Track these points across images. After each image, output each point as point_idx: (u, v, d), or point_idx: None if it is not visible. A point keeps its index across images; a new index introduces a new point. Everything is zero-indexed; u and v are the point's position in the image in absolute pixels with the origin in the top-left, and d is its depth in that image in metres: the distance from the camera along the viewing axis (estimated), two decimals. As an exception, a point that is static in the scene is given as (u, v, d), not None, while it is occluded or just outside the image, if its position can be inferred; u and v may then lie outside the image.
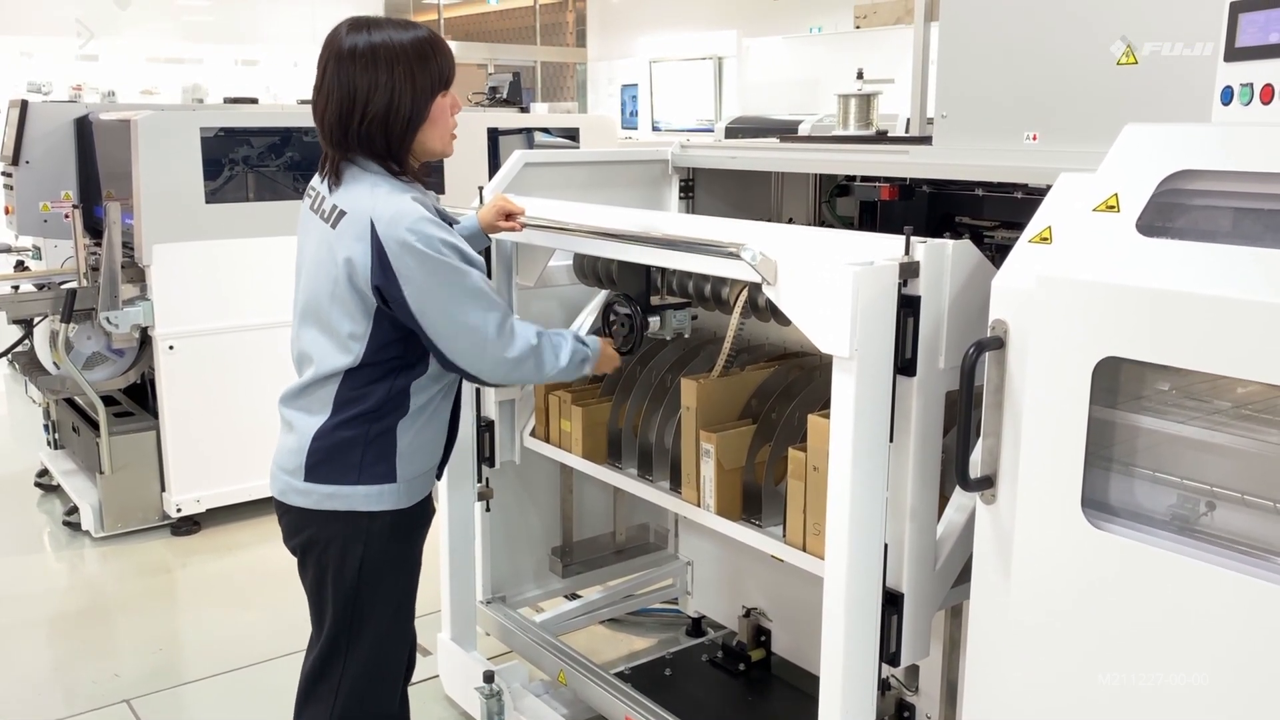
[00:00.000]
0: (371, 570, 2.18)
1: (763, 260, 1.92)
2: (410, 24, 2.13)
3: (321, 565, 2.19)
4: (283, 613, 3.85)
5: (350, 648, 2.22)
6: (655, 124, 12.80)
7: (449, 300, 2.01)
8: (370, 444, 2.12)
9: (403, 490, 2.17)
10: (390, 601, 2.24)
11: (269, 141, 4.78)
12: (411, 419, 2.16)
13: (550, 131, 5.96)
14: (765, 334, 2.92)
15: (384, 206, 2.03)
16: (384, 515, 2.16)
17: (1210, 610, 1.47)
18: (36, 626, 3.93)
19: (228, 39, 12.23)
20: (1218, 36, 1.72)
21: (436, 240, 2.00)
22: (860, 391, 1.82)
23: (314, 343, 2.13)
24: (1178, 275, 1.48)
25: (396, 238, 1.99)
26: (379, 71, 2.05)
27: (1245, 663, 1.44)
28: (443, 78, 2.12)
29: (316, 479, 2.14)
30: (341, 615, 2.20)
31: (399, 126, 2.08)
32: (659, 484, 2.61)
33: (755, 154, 2.98)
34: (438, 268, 2.00)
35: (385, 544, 2.18)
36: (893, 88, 3.84)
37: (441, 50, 2.12)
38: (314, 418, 2.14)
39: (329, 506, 2.14)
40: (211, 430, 4.62)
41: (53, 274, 5.05)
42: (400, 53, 2.06)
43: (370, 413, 2.12)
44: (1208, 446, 1.62)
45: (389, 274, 1.99)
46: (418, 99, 2.09)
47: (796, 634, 3.17)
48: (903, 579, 1.91)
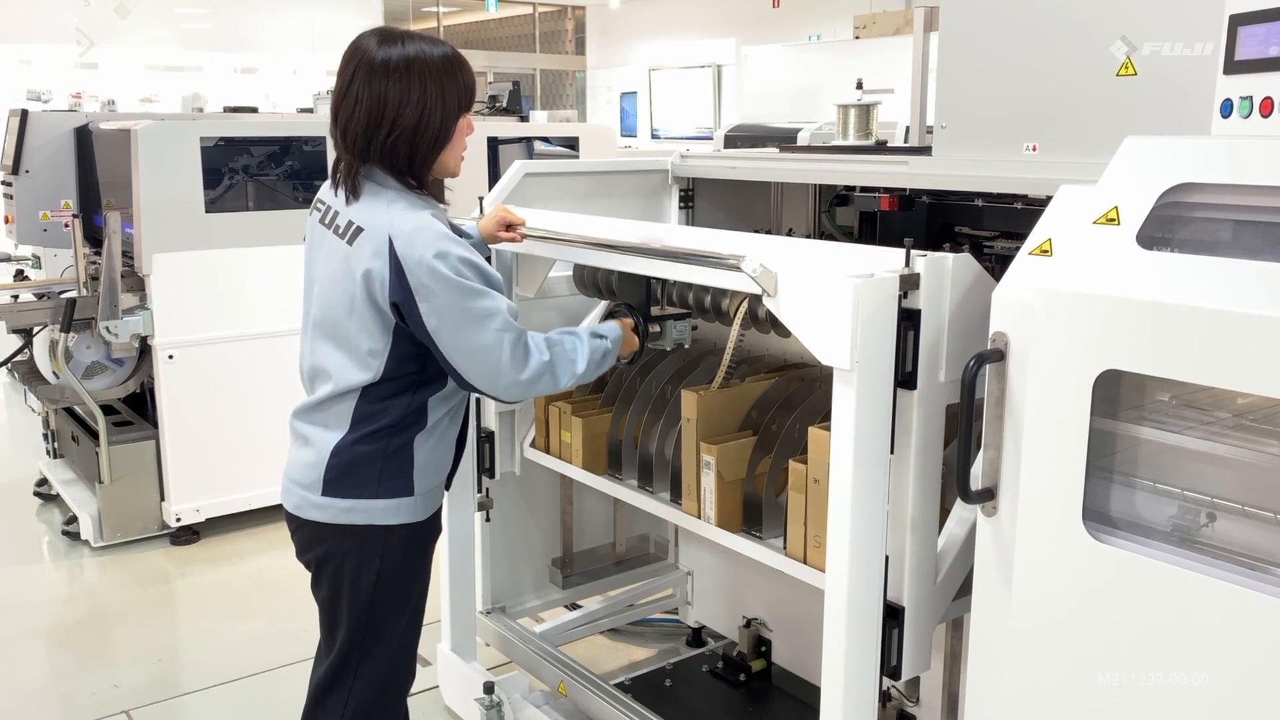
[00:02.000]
0: (387, 583, 2.18)
1: (763, 272, 1.92)
2: (438, 41, 2.13)
3: (338, 579, 2.19)
4: (283, 622, 3.84)
5: (363, 660, 2.22)
6: (654, 132, 12.81)
7: (464, 322, 2.00)
8: (389, 458, 2.12)
9: (419, 503, 2.18)
10: (404, 613, 2.24)
11: (269, 151, 4.78)
12: (428, 433, 2.16)
13: (550, 140, 5.97)
14: (765, 345, 2.92)
15: (401, 223, 2.02)
16: (401, 528, 2.16)
17: (1212, 623, 1.47)
18: (35, 636, 3.92)
19: (227, 47, 12.24)
20: (1215, 37, 1.72)
21: (456, 259, 1.99)
22: (861, 403, 1.81)
23: (329, 358, 2.13)
24: (1178, 288, 1.48)
25: (415, 256, 1.98)
26: (412, 86, 2.05)
27: (1247, 675, 1.44)
28: (469, 96, 2.13)
29: (334, 493, 2.13)
30: (356, 628, 2.20)
31: (426, 143, 2.09)
32: (659, 495, 2.61)
33: (755, 164, 2.99)
34: (456, 289, 1.99)
35: (401, 557, 2.18)
36: (892, 97, 3.85)
37: (467, 69, 2.13)
38: (332, 433, 2.13)
39: (346, 520, 2.13)
40: (211, 440, 4.62)
41: (52, 283, 5.05)
42: (434, 68, 2.07)
43: (389, 428, 2.12)
44: (1208, 458, 1.62)
45: (407, 291, 1.99)
46: (446, 116, 2.09)
47: (797, 644, 3.16)
48: (903, 592, 1.91)
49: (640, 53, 14.32)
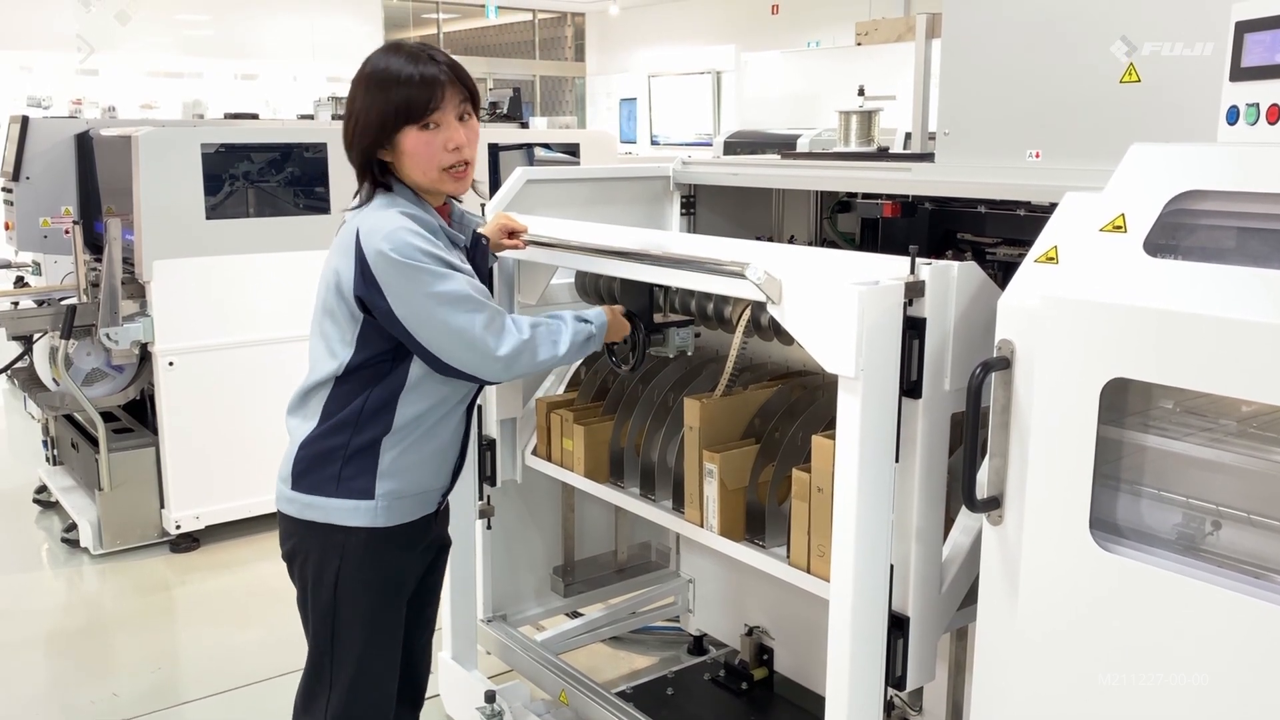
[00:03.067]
0: (348, 588, 2.15)
1: (768, 279, 1.91)
2: (412, 55, 2.08)
3: (303, 577, 2.20)
4: (282, 631, 3.82)
5: (334, 669, 2.20)
6: (654, 138, 12.83)
7: (431, 305, 2.00)
8: (350, 458, 2.11)
9: (380, 509, 2.14)
10: (367, 624, 2.19)
11: (269, 157, 4.77)
12: (397, 436, 2.13)
13: (550, 147, 5.97)
14: (768, 353, 2.91)
15: (369, 220, 2.04)
16: (360, 531, 2.13)
17: (1217, 631, 1.46)
18: (34, 644, 3.91)
19: (227, 53, 12.26)
20: (1215, 37, 1.72)
21: (413, 249, 2.00)
22: (866, 412, 1.81)
23: (314, 349, 2.17)
24: (1185, 296, 1.47)
25: (374, 248, 2.00)
26: (354, 92, 2.10)
27: (1253, 683, 1.43)
28: (406, 109, 2.04)
29: (300, 488, 2.14)
30: (320, 631, 2.20)
31: (359, 148, 2.10)
32: (661, 504, 2.60)
33: (757, 171, 2.98)
34: (415, 274, 1.99)
35: (360, 562, 2.15)
36: (893, 103, 3.84)
37: (408, 84, 2.04)
38: (306, 424, 2.15)
39: (309, 517, 2.14)
40: (211, 447, 4.61)
41: (53, 290, 5.05)
42: (368, 77, 2.08)
43: (349, 423, 2.11)
44: (1214, 465, 1.62)
45: (371, 285, 2.00)
46: (383, 125, 2.06)
47: (799, 653, 3.15)
48: (908, 602, 1.90)
49: (640, 59, 14.34)
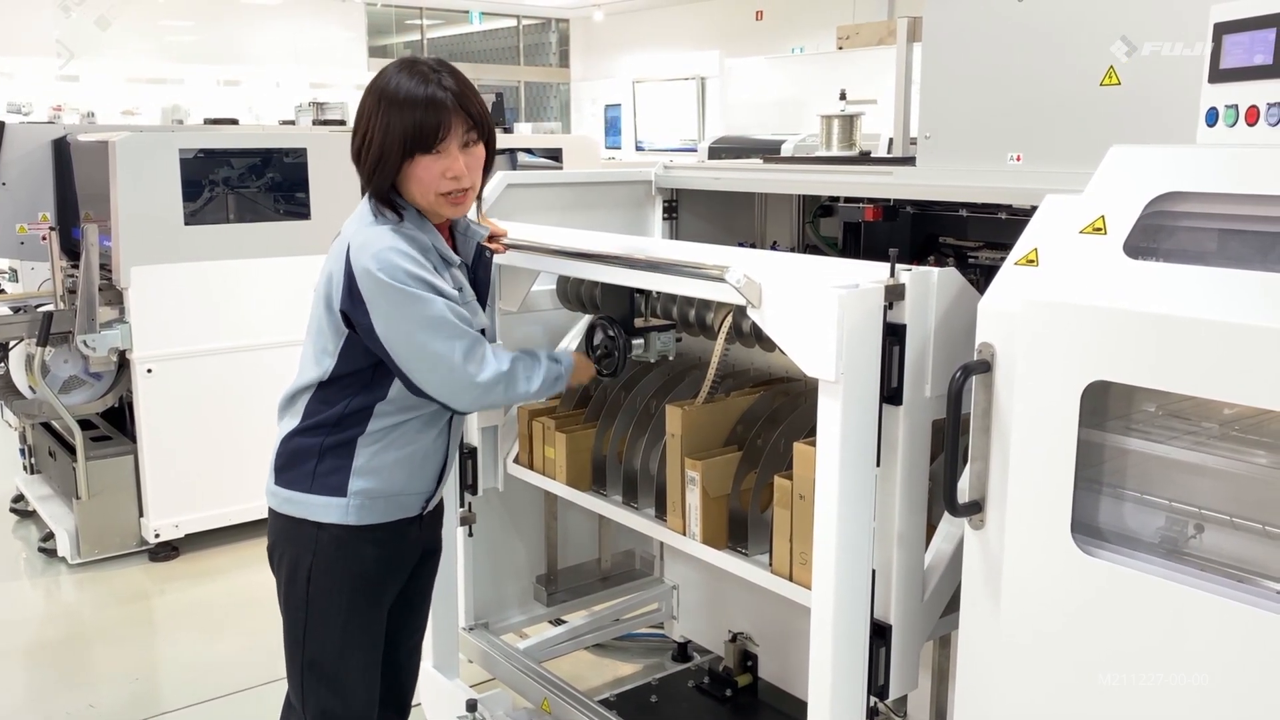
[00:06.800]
0: (320, 584, 2.17)
1: (747, 283, 1.89)
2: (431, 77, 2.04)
3: (280, 571, 2.24)
4: (263, 640, 3.79)
5: (310, 668, 2.22)
6: (639, 144, 12.82)
7: (413, 329, 2.01)
8: (325, 453, 2.14)
9: (352, 506, 2.15)
10: (342, 622, 2.20)
11: (249, 162, 4.74)
12: (373, 438, 2.15)
13: (533, 152, 5.96)
14: (750, 359, 2.90)
15: (361, 235, 2.05)
16: (332, 528, 2.15)
17: (1201, 635, 1.45)
18: (11, 655, 3.86)
19: (210, 59, 12.22)
20: (1196, 39, 1.72)
21: (400, 270, 2.00)
22: (846, 416, 1.79)
23: (304, 353, 2.20)
24: (1166, 298, 1.47)
25: (362, 266, 2.01)
26: (364, 103, 2.09)
27: (1237, 686, 1.42)
28: (419, 135, 2.02)
29: (280, 482, 2.19)
30: (293, 626, 2.22)
31: (367, 165, 2.08)
32: (644, 511, 2.58)
33: (739, 175, 2.97)
34: (400, 297, 2.00)
35: (333, 558, 2.17)
36: (875, 108, 3.84)
37: (424, 108, 2.01)
38: (289, 422, 2.20)
39: (287, 511, 2.18)
40: (190, 454, 4.57)
41: (29, 297, 5.01)
42: (381, 91, 2.05)
43: (330, 425, 2.15)
44: (1196, 469, 1.61)
45: (356, 301, 2.02)
46: (388, 145, 2.03)
47: (783, 659, 3.13)
48: (891, 609, 1.88)
49: (624, 65, 14.35)
